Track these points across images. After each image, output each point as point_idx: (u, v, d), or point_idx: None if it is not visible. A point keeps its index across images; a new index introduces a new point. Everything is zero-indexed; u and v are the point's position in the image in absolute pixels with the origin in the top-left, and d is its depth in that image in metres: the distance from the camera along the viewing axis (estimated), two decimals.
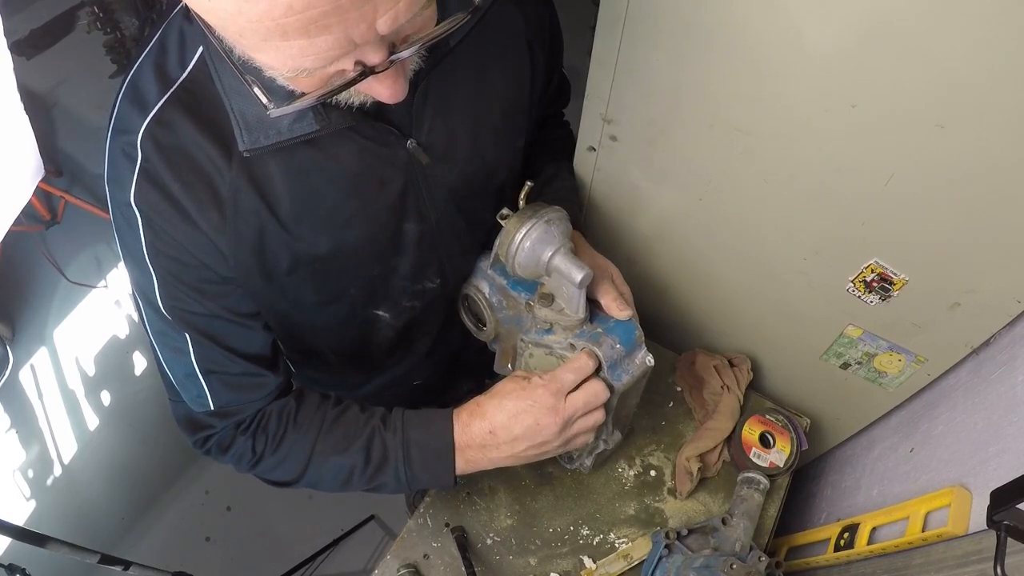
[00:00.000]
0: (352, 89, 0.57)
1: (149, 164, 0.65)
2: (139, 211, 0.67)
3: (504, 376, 0.85)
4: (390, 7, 0.47)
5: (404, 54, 0.52)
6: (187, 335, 0.75)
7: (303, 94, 0.54)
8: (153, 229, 0.68)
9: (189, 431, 0.84)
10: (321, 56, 0.48)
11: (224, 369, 0.78)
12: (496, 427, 0.79)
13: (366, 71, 0.51)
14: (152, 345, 0.79)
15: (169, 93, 0.64)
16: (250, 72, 0.53)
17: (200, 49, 0.64)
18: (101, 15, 2.45)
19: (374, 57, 0.51)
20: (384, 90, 0.56)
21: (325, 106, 0.63)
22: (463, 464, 0.82)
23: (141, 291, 0.74)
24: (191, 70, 0.65)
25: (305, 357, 1.02)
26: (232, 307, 0.76)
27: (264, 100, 0.53)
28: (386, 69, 0.52)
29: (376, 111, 0.69)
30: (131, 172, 0.65)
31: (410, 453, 0.81)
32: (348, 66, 0.51)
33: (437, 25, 0.54)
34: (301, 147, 0.68)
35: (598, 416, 0.82)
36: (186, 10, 0.65)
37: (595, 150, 0.94)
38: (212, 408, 0.79)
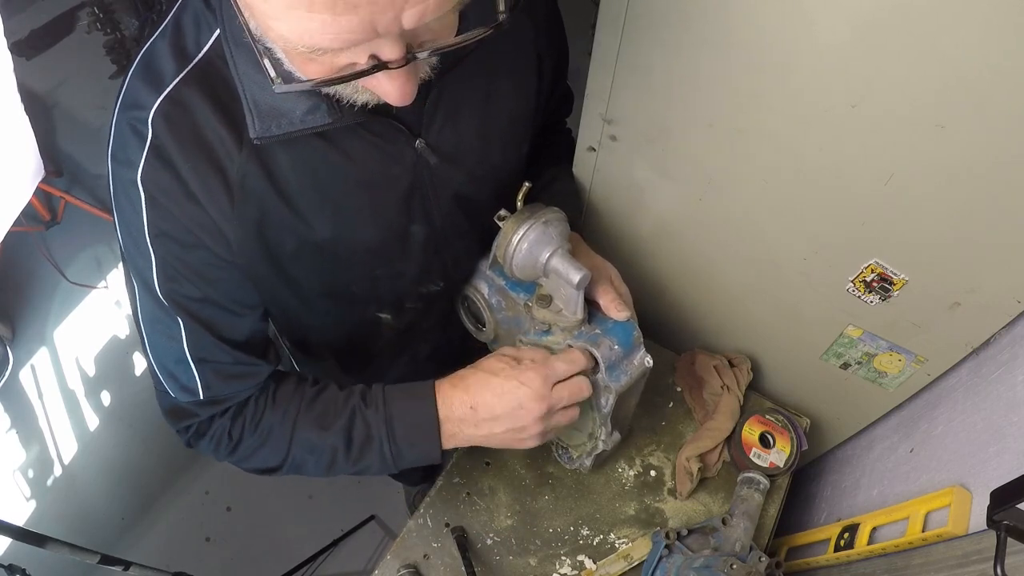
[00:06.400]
0: (359, 84, 0.56)
1: (159, 142, 0.63)
2: (144, 189, 0.65)
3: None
4: (419, 1, 0.47)
5: (421, 55, 0.51)
6: (180, 320, 0.73)
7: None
8: (157, 208, 0.66)
9: (174, 420, 0.82)
10: (340, 37, 0.47)
11: (215, 358, 0.76)
12: (478, 403, 0.77)
13: (379, 64, 0.50)
14: (141, 332, 0.77)
15: (185, 71, 0.63)
16: (262, 49, 0.52)
17: (216, 32, 0.63)
18: (101, 15, 2.45)
19: (390, 52, 0.50)
20: (393, 90, 0.55)
21: (339, 101, 0.63)
22: (443, 437, 0.80)
23: (138, 273, 0.72)
24: (207, 51, 0.64)
25: (304, 356, 1.02)
26: (230, 293, 0.75)
27: (272, 73, 0.52)
28: (400, 66, 0.51)
29: (387, 109, 0.69)
30: (140, 149, 0.64)
31: (394, 429, 0.79)
32: (361, 59, 0.50)
33: (457, 36, 0.53)
34: (311, 139, 0.67)
35: (574, 414, 0.81)
36: None
37: (595, 150, 0.94)
38: (201, 398, 0.77)
